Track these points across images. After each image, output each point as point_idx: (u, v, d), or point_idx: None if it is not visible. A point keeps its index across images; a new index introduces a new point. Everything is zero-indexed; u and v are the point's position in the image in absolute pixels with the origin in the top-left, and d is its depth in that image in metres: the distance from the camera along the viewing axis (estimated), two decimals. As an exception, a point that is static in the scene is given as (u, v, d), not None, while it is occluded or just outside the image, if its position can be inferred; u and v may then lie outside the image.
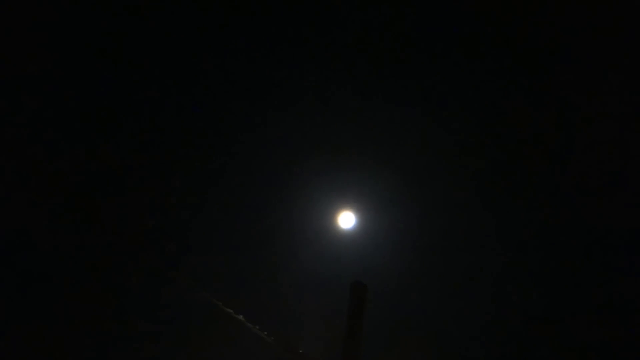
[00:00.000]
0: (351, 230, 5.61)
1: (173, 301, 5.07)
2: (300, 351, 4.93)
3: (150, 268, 5.09)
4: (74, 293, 5.35)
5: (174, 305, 5.07)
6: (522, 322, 6.29)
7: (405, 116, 7.44)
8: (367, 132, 7.20)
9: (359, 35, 7.70)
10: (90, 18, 6.55)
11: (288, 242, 5.84)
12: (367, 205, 6.02)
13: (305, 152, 6.64)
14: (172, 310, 5.06)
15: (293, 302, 5.34)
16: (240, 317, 4.90)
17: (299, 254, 5.77)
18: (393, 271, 5.94)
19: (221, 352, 4.94)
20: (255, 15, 7.34)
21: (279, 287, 5.45)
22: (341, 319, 4.85)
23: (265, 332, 4.94)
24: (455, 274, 6.34)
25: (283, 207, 6.19)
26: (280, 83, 7.21)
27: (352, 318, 4.55)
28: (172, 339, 4.99)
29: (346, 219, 5.60)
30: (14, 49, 6.09)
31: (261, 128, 6.86)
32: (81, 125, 6.26)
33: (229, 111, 6.87)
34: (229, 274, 5.40)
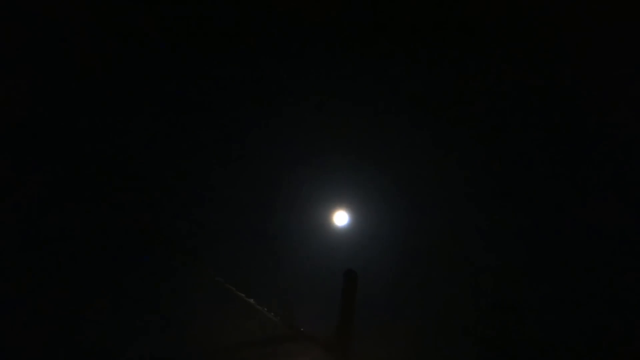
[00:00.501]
0: (345, 227, 6.46)
1: (192, 286, 5.98)
2: (301, 329, 5.84)
3: (175, 259, 6.00)
4: (94, 275, 6.18)
5: (193, 290, 5.97)
6: (510, 315, 7.09)
7: (397, 121, 8.18)
8: (360, 136, 7.97)
9: (355, 41, 8.37)
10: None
11: (289, 238, 6.67)
12: (360, 205, 6.85)
13: (303, 156, 7.44)
14: (191, 294, 5.96)
15: (294, 289, 6.22)
16: (251, 300, 5.81)
17: (299, 249, 6.61)
18: (383, 263, 6.78)
19: (233, 329, 5.85)
20: (250, 21, 8.07)
21: (283, 276, 6.32)
22: (336, 303, 5.78)
23: (272, 313, 5.86)
24: (442, 267, 7.13)
25: (284, 207, 7.00)
26: (278, 89, 7.98)
27: (345, 299, 5.49)
28: (191, 319, 5.89)
29: (340, 217, 6.44)
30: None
31: (262, 135, 7.65)
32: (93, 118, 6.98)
33: (234, 117, 7.64)
34: (239, 265, 6.29)
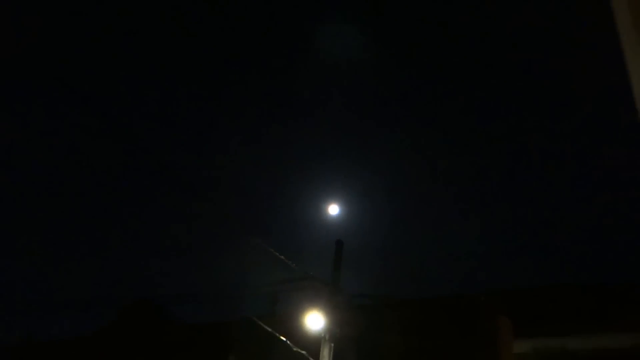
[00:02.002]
0: (337, 216, 10.61)
1: (240, 248, 10.21)
2: (311, 273, 10.08)
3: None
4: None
5: (241, 250, 10.20)
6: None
7: (383, 131, 12.27)
8: (352, 144, 12.17)
9: (349, 52, 12.23)
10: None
11: (297, 223, 10.92)
12: (348, 200, 10.96)
13: (305, 162, 11.62)
14: (239, 251, 10.18)
15: (303, 253, 10.47)
16: (282, 257, 10.03)
17: (304, 230, 10.83)
18: (362, 239, 11.00)
19: (266, 271, 10.10)
20: (256, 37, 11.91)
21: (296, 247, 10.56)
22: (330, 258, 10.00)
23: (294, 265, 10.08)
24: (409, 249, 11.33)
25: (293, 202, 11.25)
26: (281, 99, 12.04)
27: (336, 257, 9.70)
28: (241, 265, 10.13)
29: (333, 209, 10.56)
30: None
31: (277, 143, 11.80)
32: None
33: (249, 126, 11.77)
34: (270, 233, 10.50)
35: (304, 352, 9.24)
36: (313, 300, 9.71)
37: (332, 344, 9.27)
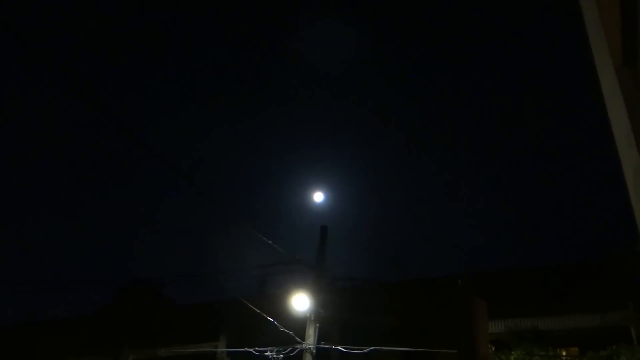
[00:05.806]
0: (321, 203, 11.08)
1: (230, 233, 10.70)
2: (297, 257, 10.58)
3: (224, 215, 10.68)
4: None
5: (231, 235, 10.68)
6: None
7: (365, 129, 12.76)
8: (335, 138, 12.65)
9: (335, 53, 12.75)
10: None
11: (285, 210, 11.43)
12: (331, 188, 11.49)
13: (292, 152, 12.10)
14: (229, 236, 10.68)
15: (291, 238, 10.96)
16: (270, 241, 10.52)
17: (291, 217, 11.35)
18: (343, 223, 11.55)
19: (258, 255, 10.59)
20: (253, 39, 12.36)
21: (283, 232, 11.06)
22: (315, 242, 10.50)
23: (281, 249, 10.58)
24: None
25: (282, 191, 11.75)
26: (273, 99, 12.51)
27: (321, 240, 10.20)
28: (232, 249, 10.64)
29: (318, 196, 11.03)
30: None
31: (270, 139, 12.27)
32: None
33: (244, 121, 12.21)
34: (259, 219, 10.97)
35: (290, 332, 9.78)
36: (299, 282, 10.23)
37: (317, 324, 9.82)
